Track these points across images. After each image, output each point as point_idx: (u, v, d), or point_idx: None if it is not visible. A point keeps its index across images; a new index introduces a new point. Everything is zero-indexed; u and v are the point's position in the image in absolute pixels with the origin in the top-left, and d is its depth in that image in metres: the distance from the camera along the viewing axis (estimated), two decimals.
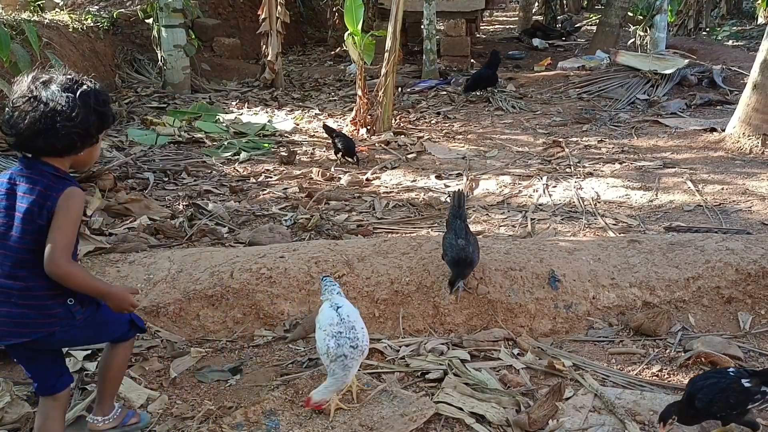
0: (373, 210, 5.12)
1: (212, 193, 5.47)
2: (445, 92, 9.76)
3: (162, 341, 3.19)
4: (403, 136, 7.36)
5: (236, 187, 5.57)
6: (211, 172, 6.08)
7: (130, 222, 4.61)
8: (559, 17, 17.48)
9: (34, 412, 2.58)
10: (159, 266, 3.46)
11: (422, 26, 10.90)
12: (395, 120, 7.97)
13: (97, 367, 2.49)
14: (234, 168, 6.23)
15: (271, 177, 5.99)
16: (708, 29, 16.66)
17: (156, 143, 6.85)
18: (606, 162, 6.22)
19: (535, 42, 14.56)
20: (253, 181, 5.86)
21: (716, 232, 4.09)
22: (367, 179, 5.92)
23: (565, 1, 20.79)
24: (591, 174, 5.87)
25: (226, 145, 6.95)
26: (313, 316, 3.01)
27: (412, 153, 6.74)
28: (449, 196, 5.30)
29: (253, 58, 12.29)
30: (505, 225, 4.75)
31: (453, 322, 3.31)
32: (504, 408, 2.64)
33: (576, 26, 16.61)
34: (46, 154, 2.09)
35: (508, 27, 19.42)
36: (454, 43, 12.13)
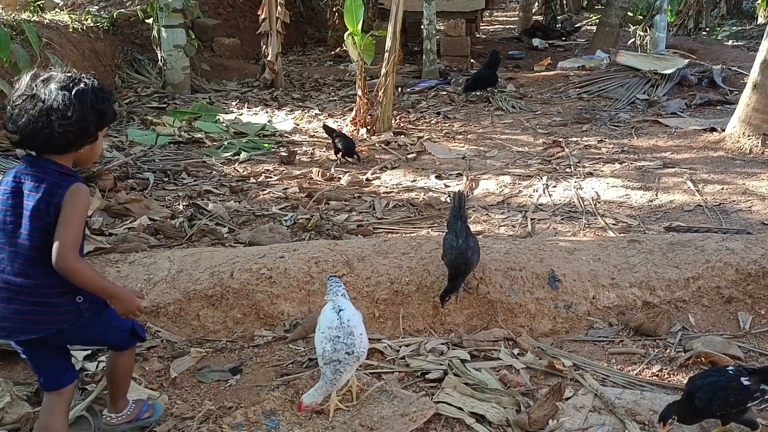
0: (373, 210, 5.13)
1: (212, 193, 5.47)
2: (445, 92, 9.76)
3: (162, 341, 3.19)
4: (403, 136, 7.36)
5: (236, 187, 5.58)
6: (211, 172, 6.08)
7: (130, 222, 4.61)
8: (559, 17, 17.48)
9: (34, 412, 2.59)
10: (159, 266, 3.46)
11: (422, 26, 10.89)
12: (395, 120, 7.97)
13: (104, 373, 2.51)
14: (234, 168, 6.23)
15: (271, 177, 5.99)
16: (708, 29, 16.65)
17: (156, 143, 6.85)
18: (606, 162, 6.22)
19: (535, 42, 14.56)
20: (253, 181, 5.86)
21: (716, 232, 4.09)
22: (367, 179, 5.92)
23: (565, 1, 20.79)
24: (591, 174, 5.87)
25: (226, 145, 6.95)
26: (314, 316, 3.01)
27: (412, 153, 6.74)
28: (449, 196, 5.32)
29: (253, 58, 12.29)
30: (505, 225, 4.75)
31: (453, 322, 3.32)
32: (504, 408, 2.64)
33: (576, 26, 16.61)
34: (46, 152, 2.11)
35: (508, 27, 19.42)
36: (454, 43, 12.13)
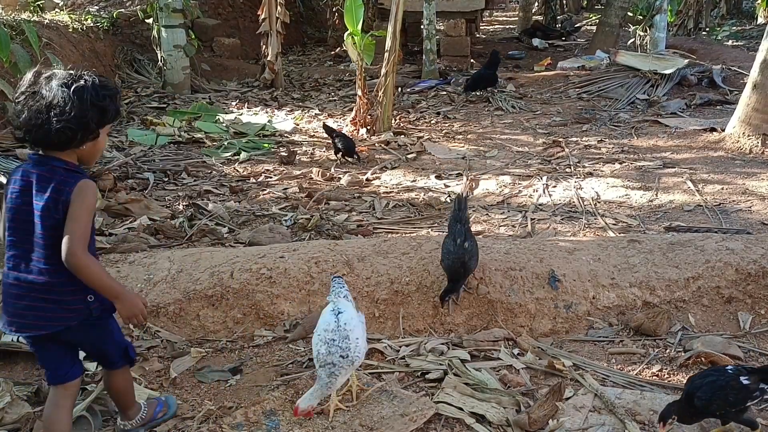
0: (373, 210, 5.13)
1: (212, 193, 5.47)
2: (445, 92, 9.76)
3: (162, 341, 3.19)
4: (403, 136, 7.37)
5: (236, 187, 5.58)
6: (211, 172, 6.08)
7: (130, 222, 4.61)
8: (558, 17, 17.48)
9: (34, 412, 2.59)
10: (159, 266, 3.46)
11: (422, 26, 10.90)
12: (395, 120, 7.97)
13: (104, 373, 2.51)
14: (234, 168, 6.23)
15: (271, 177, 5.99)
16: (708, 29, 16.65)
17: (156, 143, 6.85)
18: (606, 162, 6.22)
19: (535, 42, 14.56)
20: (253, 181, 5.86)
21: (716, 232, 4.09)
22: (367, 179, 5.92)
23: (565, 1, 20.78)
24: (591, 174, 5.87)
25: (226, 145, 6.96)
26: (314, 316, 3.01)
27: (412, 153, 6.74)
28: (449, 196, 5.32)
29: (253, 58, 12.28)
30: (505, 225, 4.75)
31: (453, 322, 3.32)
32: (504, 408, 2.64)
33: (576, 26, 16.60)
34: (47, 148, 2.13)
35: (508, 27, 19.41)
36: (453, 43, 12.13)
